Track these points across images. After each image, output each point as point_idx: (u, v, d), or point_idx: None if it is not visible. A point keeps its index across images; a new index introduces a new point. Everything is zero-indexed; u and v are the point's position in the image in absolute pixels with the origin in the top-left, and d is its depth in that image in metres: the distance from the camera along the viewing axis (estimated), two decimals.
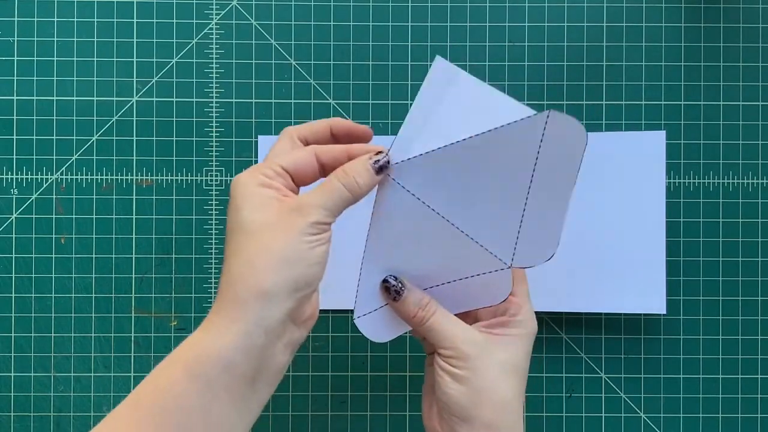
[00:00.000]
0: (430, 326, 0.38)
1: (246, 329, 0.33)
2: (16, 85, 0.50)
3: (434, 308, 0.38)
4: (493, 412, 0.36)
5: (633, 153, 0.48)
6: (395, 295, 0.39)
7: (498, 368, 0.37)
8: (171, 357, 0.34)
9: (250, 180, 0.35)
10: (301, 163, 0.37)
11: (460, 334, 0.37)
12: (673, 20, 0.50)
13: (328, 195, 0.35)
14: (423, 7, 0.50)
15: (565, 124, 0.36)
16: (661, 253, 0.47)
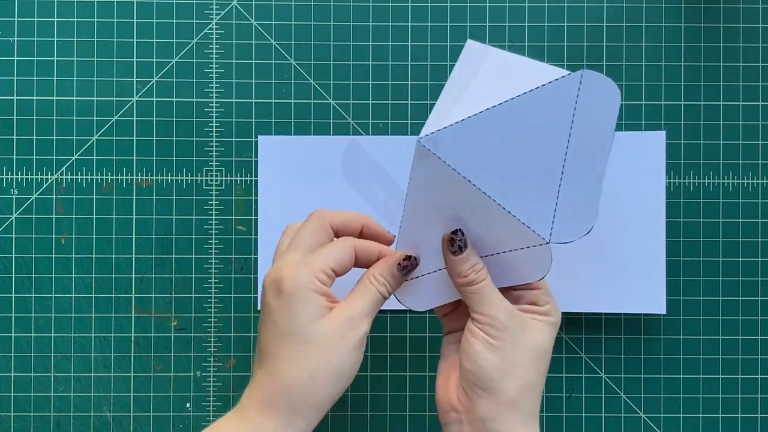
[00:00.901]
0: (477, 290, 0.38)
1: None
2: (16, 85, 0.50)
3: (485, 275, 0.38)
4: (518, 388, 0.37)
5: (633, 153, 0.48)
6: (457, 250, 0.38)
7: (529, 348, 0.38)
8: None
9: (307, 284, 0.36)
10: (345, 262, 0.38)
11: (502, 305, 0.38)
12: (673, 20, 0.50)
13: (371, 304, 0.38)
14: (423, 7, 0.50)
15: (598, 84, 0.35)
16: (661, 253, 0.47)
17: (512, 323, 0.37)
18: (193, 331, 0.49)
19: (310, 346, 0.35)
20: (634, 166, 0.48)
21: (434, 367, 0.49)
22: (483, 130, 0.36)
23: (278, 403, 0.35)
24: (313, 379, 0.35)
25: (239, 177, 0.50)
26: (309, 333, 0.35)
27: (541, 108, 0.36)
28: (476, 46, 0.39)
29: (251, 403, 0.36)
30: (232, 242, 0.49)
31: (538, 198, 0.37)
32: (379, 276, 0.38)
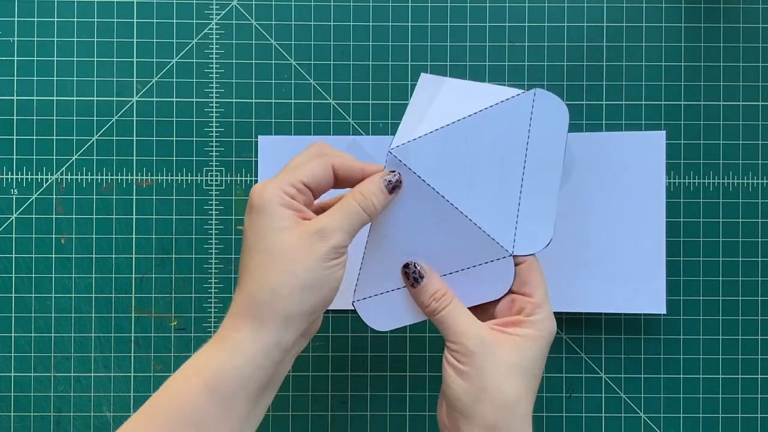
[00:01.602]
0: (441, 318, 0.38)
1: (265, 349, 0.35)
2: (16, 85, 0.50)
3: (449, 300, 0.38)
4: (494, 412, 0.36)
5: (633, 153, 0.48)
6: (413, 282, 0.39)
7: (504, 369, 0.36)
8: (186, 371, 0.35)
9: (273, 197, 0.36)
10: (320, 177, 0.37)
11: (468, 330, 0.37)
12: (673, 20, 0.50)
13: (347, 217, 0.36)
14: (423, 7, 0.50)
15: (550, 103, 0.38)
16: (661, 253, 0.47)
17: (482, 348, 0.37)
18: (193, 331, 0.49)
19: (273, 257, 0.35)
20: (634, 166, 0.48)
21: (434, 367, 0.49)
22: (449, 142, 0.38)
23: (245, 315, 0.35)
24: (276, 290, 0.35)
25: (239, 177, 0.50)
26: (272, 245, 0.35)
27: (499, 123, 0.38)
28: (431, 77, 0.41)
29: (225, 321, 0.36)
30: (232, 242, 0.49)
31: (500, 210, 0.39)
32: (366, 192, 0.37)
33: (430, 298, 0.38)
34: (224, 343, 0.35)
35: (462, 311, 0.38)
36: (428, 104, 0.40)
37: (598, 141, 0.49)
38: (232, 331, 0.35)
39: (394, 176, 0.38)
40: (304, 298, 0.35)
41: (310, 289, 0.35)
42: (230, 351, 0.35)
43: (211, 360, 0.35)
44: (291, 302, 0.35)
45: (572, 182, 0.48)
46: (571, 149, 0.48)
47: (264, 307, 0.35)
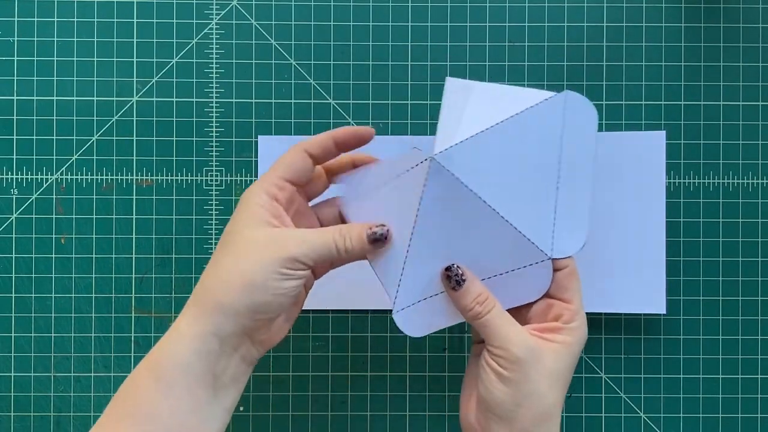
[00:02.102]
0: (485, 323, 0.37)
1: (201, 335, 0.35)
2: (16, 85, 0.50)
3: (492, 305, 0.37)
4: (534, 418, 0.36)
5: (633, 153, 0.48)
6: (455, 285, 0.38)
7: (546, 376, 0.36)
8: (141, 361, 0.36)
9: (253, 196, 0.37)
10: (297, 168, 0.38)
11: (513, 336, 0.36)
12: (673, 20, 0.50)
13: (316, 241, 0.36)
14: (423, 7, 0.50)
15: (579, 104, 0.39)
16: (661, 253, 0.47)
17: (527, 354, 0.36)
18: None
19: (232, 249, 0.36)
20: (635, 166, 0.48)
21: (434, 367, 0.49)
22: (488, 146, 0.38)
23: (192, 303, 0.36)
24: (222, 278, 0.35)
25: (239, 177, 0.50)
26: (237, 239, 0.36)
27: (534, 126, 0.38)
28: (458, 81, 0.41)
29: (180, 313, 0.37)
30: None
31: (538, 213, 0.39)
32: (344, 231, 0.37)
33: (473, 302, 0.37)
34: (169, 332, 0.36)
35: (505, 316, 0.37)
36: (462, 109, 0.39)
37: (598, 141, 0.48)
38: (178, 320, 0.36)
39: (381, 229, 0.38)
40: (244, 294, 0.35)
41: (253, 288, 0.35)
42: (171, 338, 0.35)
43: (157, 348, 0.35)
44: (231, 293, 0.35)
45: None
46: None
47: (207, 293, 0.35)
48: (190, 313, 0.35)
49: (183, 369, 0.34)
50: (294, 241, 0.35)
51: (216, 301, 0.35)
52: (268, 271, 0.35)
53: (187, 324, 0.35)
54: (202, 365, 0.35)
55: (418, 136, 0.49)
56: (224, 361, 0.35)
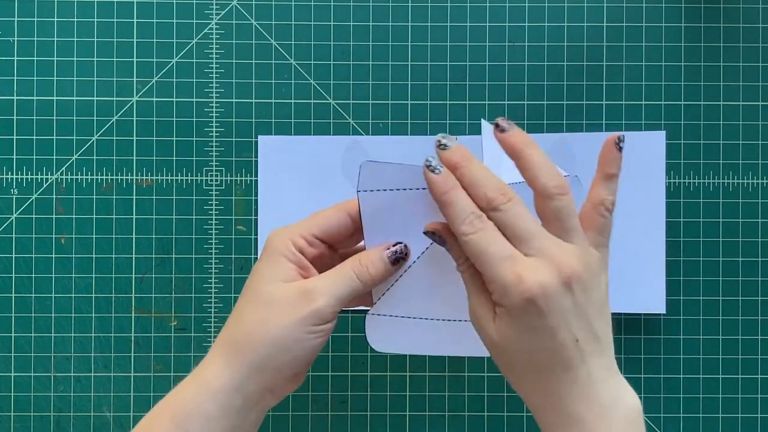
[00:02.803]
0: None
1: (227, 391, 0.34)
2: (16, 85, 0.50)
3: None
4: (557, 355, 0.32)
5: (633, 153, 0.48)
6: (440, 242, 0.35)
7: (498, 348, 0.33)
8: (161, 405, 0.36)
9: (280, 246, 0.36)
10: (334, 227, 0.37)
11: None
12: (673, 20, 0.50)
13: (339, 282, 0.36)
14: (423, 7, 0.50)
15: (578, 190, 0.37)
16: (661, 253, 0.48)
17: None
18: (193, 331, 0.49)
19: (257, 304, 0.35)
20: (634, 166, 0.48)
21: (434, 367, 0.49)
22: None
23: (218, 352, 0.36)
24: (248, 336, 0.35)
25: (239, 177, 0.50)
26: (262, 292, 0.35)
27: None
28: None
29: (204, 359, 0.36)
30: (232, 242, 0.49)
31: None
32: (363, 260, 0.36)
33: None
34: (194, 378, 0.36)
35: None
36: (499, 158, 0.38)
37: (597, 141, 0.48)
38: (204, 368, 0.36)
39: (399, 248, 0.37)
40: (271, 354, 0.34)
41: (280, 348, 0.35)
42: (198, 387, 0.35)
43: (179, 395, 0.35)
44: (258, 353, 0.35)
45: None
46: (572, 149, 0.48)
47: (234, 348, 0.35)
48: (216, 364, 0.35)
49: (207, 421, 0.34)
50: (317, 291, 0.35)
51: (244, 358, 0.35)
52: (297, 330, 0.35)
53: (213, 376, 0.35)
54: (225, 419, 0.35)
55: (417, 136, 0.49)
56: (245, 413, 0.35)
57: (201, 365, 0.36)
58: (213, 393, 0.34)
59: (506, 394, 0.49)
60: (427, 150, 0.37)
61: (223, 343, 0.36)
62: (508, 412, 0.49)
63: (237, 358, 0.35)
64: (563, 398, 0.32)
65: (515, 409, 0.49)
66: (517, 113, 0.50)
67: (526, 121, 0.50)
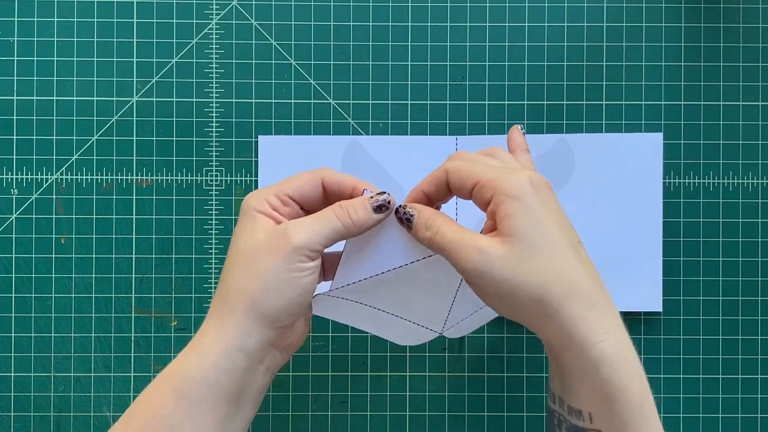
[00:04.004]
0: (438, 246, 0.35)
1: (228, 352, 0.34)
2: (16, 85, 0.50)
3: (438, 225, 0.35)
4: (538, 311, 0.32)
5: (631, 154, 0.48)
6: (407, 224, 0.36)
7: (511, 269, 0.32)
8: (161, 376, 0.35)
9: (255, 204, 0.36)
10: (306, 190, 0.37)
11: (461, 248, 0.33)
12: (673, 20, 0.50)
13: (319, 222, 0.35)
14: (423, 7, 0.50)
15: None
16: (658, 253, 0.48)
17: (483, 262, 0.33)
18: (193, 331, 0.49)
19: (241, 257, 0.35)
20: (632, 166, 0.48)
21: (434, 367, 0.49)
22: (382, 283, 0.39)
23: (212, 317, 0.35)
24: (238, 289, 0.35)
25: (239, 177, 0.50)
26: (243, 245, 0.35)
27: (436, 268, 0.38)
28: None
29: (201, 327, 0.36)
30: None
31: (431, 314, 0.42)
32: (345, 204, 0.36)
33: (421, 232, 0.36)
34: (192, 347, 0.35)
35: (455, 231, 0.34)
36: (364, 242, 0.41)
37: (596, 142, 0.49)
38: (201, 335, 0.35)
39: (383, 197, 0.36)
40: (264, 301, 0.34)
41: (271, 292, 0.34)
42: (196, 354, 0.35)
43: (179, 364, 0.35)
44: (251, 303, 0.34)
45: (571, 182, 0.48)
46: (571, 150, 0.49)
47: (227, 307, 0.35)
48: (213, 329, 0.35)
49: (210, 387, 0.34)
50: (294, 227, 0.35)
51: (238, 312, 0.34)
52: (282, 270, 0.34)
53: (210, 341, 0.35)
54: (229, 382, 0.34)
55: (417, 137, 0.49)
56: (250, 374, 0.35)
57: (197, 336, 0.35)
58: (214, 357, 0.34)
59: (506, 394, 0.49)
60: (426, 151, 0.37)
61: (215, 306, 0.35)
62: (508, 412, 0.49)
63: (232, 316, 0.34)
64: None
65: (515, 409, 0.49)
66: (517, 113, 0.50)
67: (526, 121, 0.50)
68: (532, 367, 0.49)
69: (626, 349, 0.32)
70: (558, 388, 0.34)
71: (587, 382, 0.32)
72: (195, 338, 0.35)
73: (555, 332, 0.32)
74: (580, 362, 0.32)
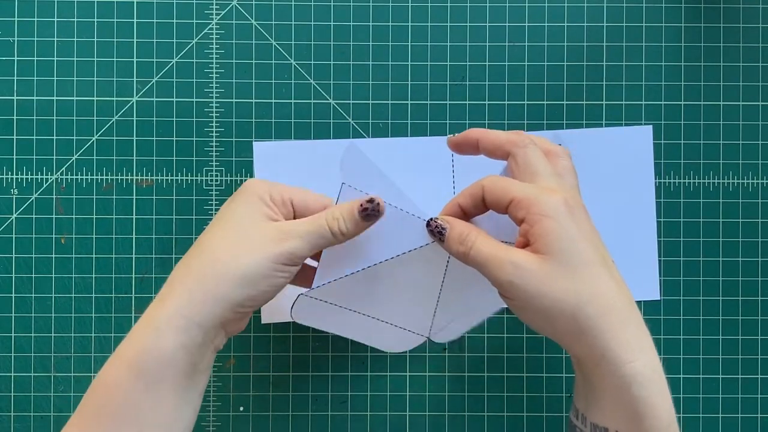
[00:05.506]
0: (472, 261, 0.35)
1: (187, 328, 0.34)
2: (16, 85, 0.50)
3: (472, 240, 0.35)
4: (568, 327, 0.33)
5: (621, 148, 0.49)
6: (439, 237, 0.37)
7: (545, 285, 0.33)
8: (114, 355, 0.35)
9: (260, 191, 0.37)
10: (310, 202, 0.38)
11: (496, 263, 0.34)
12: (673, 20, 0.50)
13: (312, 228, 0.36)
14: (423, 7, 0.50)
15: None
16: (653, 245, 0.49)
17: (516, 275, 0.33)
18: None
19: (231, 239, 0.35)
20: (623, 161, 0.49)
21: (434, 367, 0.49)
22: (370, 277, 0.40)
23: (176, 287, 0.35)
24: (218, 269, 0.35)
25: (239, 177, 0.50)
26: (237, 228, 0.36)
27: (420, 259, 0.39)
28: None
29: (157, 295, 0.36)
30: None
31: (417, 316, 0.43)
32: (336, 212, 0.37)
33: (456, 246, 0.36)
34: (148, 320, 0.35)
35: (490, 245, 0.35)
36: None
37: (589, 137, 0.49)
38: (159, 304, 0.35)
39: (371, 204, 0.37)
40: (238, 288, 0.35)
41: (247, 282, 0.35)
42: (152, 329, 0.34)
43: (135, 341, 0.35)
44: (227, 286, 0.34)
45: None
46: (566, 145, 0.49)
47: (201, 281, 0.35)
48: (175, 299, 0.34)
49: (168, 364, 0.34)
50: (290, 234, 0.36)
51: (206, 292, 0.34)
52: (266, 267, 0.35)
53: (170, 313, 0.34)
54: (186, 359, 0.34)
55: (417, 137, 0.49)
56: (203, 351, 0.35)
57: (155, 305, 0.35)
58: (174, 333, 0.34)
59: (506, 394, 0.49)
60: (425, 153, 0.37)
61: (185, 277, 0.35)
62: (508, 412, 0.49)
63: (204, 292, 0.34)
64: None
65: (515, 410, 0.49)
66: (517, 113, 0.50)
67: (526, 121, 0.50)
68: (532, 367, 0.49)
69: (657, 368, 0.33)
70: (583, 404, 0.35)
71: (616, 399, 0.33)
72: (152, 308, 0.35)
73: (587, 350, 0.33)
74: (611, 380, 0.33)
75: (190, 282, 0.35)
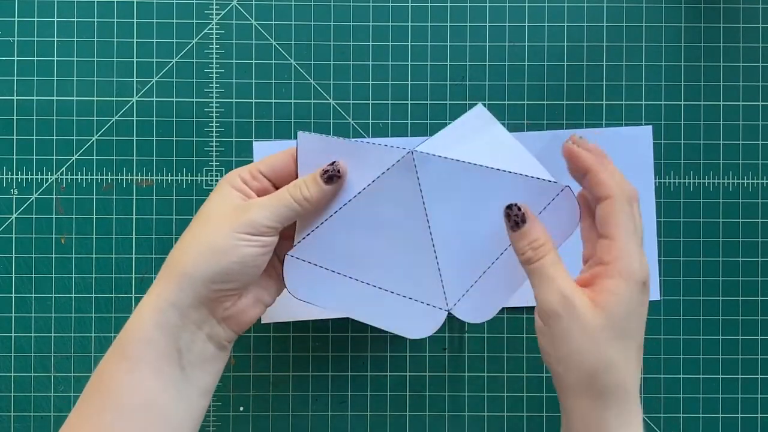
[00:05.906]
0: (533, 270, 0.35)
1: (161, 307, 0.35)
2: (16, 85, 0.50)
3: (544, 252, 0.35)
4: (575, 376, 0.34)
5: (621, 148, 0.49)
6: (514, 225, 0.36)
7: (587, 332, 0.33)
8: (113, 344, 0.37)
9: (229, 177, 0.38)
10: (277, 167, 0.39)
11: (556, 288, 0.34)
12: (673, 20, 0.50)
13: (275, 200, 0.37)
14: (423, 7, 0.50)
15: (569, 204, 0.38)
16: (653, 244, 0.48)
17: (564, 310, 0.33)
18: None
19: (199, 222, 0.37)
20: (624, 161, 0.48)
21: (434, 367, 0.49)
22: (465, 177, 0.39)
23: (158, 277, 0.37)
24: (185, 248, 0.36)
25: None
26: (207, 212, 0.37)
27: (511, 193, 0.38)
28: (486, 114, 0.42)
29: None
30: None
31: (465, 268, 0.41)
32: (299, 182, 0.38)
33: (527, 246, 0.36)
34: (136, 309, 0.36)
35: (557, 267, 0.35)
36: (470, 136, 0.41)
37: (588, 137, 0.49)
38: (144, 298, 0.37)
39: (332, 167, 0.38)
40: (205, 260, 0.35)
41: (214, 252, 0.35)
42: (135, 314, 0.36)
43: (124, 328, 0.36)
44: (192, 260, 0.35)
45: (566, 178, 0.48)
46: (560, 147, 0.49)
47: (167, 268, 0.36)
48: (155, 288, 0.36)
49: (145, 344, 0.35)
50: (251, 205, 0.37)
51: (177, 271, 0.36)
52: (230, 237, 0.36)
53: (148, 299, 0.36)
54: (164, 339, 0.35)
55: (417, 137, 0.49)
56: (187, 336, 0.36)
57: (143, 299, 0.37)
58: (149, 313, 0.35)
59: (506, 395, 0.49)
60: None
61: (164, 267, 0.37)
62: (508, 412, 0.49)
63: (175, 273, 0.36)
64: None
65: (515, 410, 0.49)
66: (517, 113, 0.50)
67: (526, 121, 0.50)
68: (532, 367, 0.49)
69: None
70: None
71: None
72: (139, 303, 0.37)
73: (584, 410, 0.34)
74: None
75: (165, 268, 0.37)
